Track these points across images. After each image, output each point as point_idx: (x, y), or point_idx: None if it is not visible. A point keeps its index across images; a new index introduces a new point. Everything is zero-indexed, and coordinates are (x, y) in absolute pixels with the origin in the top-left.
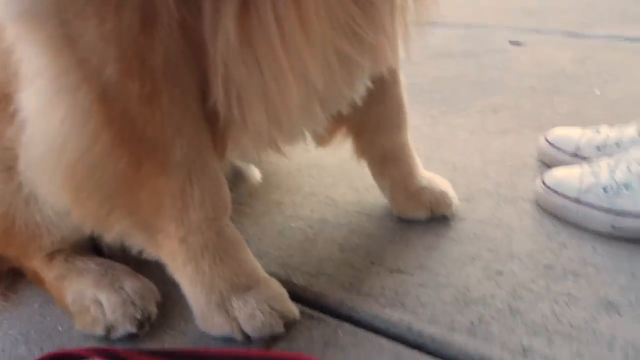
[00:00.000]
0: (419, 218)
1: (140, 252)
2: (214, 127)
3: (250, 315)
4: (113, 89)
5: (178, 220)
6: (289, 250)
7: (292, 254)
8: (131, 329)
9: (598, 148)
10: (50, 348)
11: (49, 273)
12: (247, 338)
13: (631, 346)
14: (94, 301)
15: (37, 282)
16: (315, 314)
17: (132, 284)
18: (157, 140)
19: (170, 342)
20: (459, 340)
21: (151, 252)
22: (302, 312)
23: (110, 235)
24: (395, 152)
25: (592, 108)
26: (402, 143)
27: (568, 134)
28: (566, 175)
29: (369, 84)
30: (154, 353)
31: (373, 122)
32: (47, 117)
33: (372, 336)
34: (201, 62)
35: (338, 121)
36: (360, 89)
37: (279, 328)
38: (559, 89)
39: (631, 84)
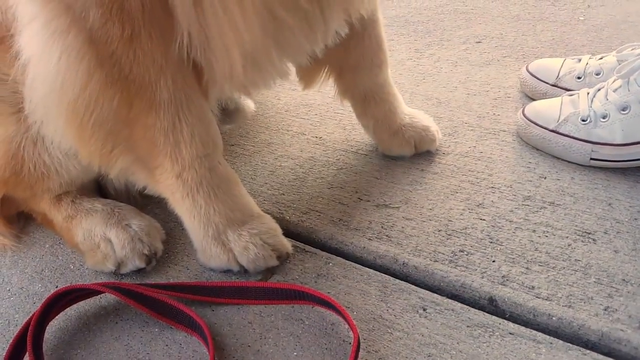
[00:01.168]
0: (404, 155)
1: (144, 189)
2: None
3: (244, 248)
4: (99, 32)
5: (172, 157)
6: (280, 188)
7: (284, 192)
8: (140, 264)
9: (578, 77)
10: (63, 285)
11: (57, 214)
12: (245, 271)
13: (605, 273)
14: (104, 238)
15: (46, 224)
16: (308, 248)
17: (138, 222)
18: (143, 79)
19: (174, 276)
20: (442, 269)
21: (152, 187)
22: (295, 247)
23: (114, 172)
24: (376, 91)
25: (576, 35)
26: (382, 82)
27: (549, 64)
28: (546, 107)
29: (342, 31)
30: (160, 287)
31: (353, 62)
32: (45, 57)
33: (360, 267)
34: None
35: (319, 62)
36: (327, 38)
37: (272, 261)
38: (543, 17)
39: (614, 8)
